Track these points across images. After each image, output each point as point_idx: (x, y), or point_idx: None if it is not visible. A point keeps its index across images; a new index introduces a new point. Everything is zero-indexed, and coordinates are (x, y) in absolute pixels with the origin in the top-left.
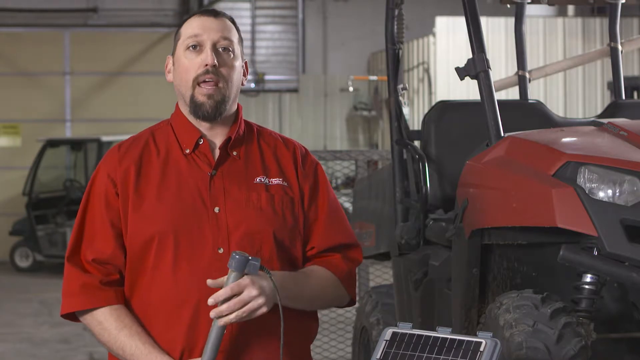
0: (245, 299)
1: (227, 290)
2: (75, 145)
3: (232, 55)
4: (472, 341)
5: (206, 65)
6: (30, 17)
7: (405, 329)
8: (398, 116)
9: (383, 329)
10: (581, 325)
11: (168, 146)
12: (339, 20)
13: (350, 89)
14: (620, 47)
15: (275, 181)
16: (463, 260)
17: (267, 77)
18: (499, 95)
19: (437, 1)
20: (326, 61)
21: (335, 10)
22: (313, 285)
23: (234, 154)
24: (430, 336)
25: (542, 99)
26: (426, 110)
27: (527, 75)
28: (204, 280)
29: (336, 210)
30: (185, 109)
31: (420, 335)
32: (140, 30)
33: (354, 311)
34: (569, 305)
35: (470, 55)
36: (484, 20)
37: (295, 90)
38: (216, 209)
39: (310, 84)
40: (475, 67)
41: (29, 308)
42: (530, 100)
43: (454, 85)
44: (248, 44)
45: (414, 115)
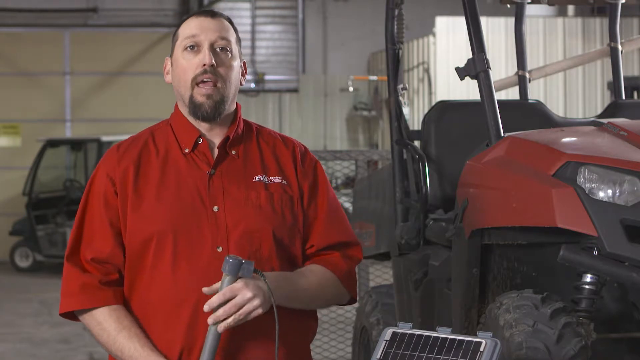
0: (240, 302)
1: (221, 296)
2: (75, 145)
3: (230, 55)
4: (472, 341)
5: (204, 65)
6: (30, 17)
7: (405, 329)
8: (398, 116)
9: (383, 329)
10: (581, 325)
11: (167, 146)
12: (339, 20)
13: (350, 89)
14: (620, 47)
15: (274, 180)
16: (463, 260)
17: (267, 77)
18: (499, 95)
19: (437, 1)
20: (326, 61)
21: (335, 10)
22: (310, 285)
23: (233, 153)
24: (430, 336)
25: (542, 99)
26: (426, 110)
27: (527, 75)
28: (203, 279)
29: (336, 209)
30: (185, 110)
31: (420, 335)
32: (140, 30)
33: (354, 311)
34: (569, 305)
35: (470, 55)
36: (484, 20)
37: (295, 90)
38: (215, 208)
39: (310, 84)
40: (475, 67)
41: (29, 308)
42: (530, 100)
43: (454, 85)
44: (248, 44)
45: (414, 115)
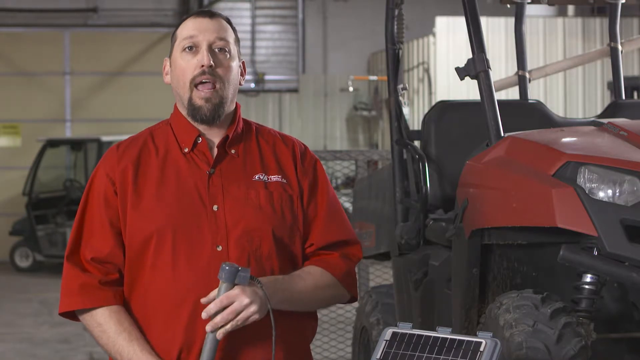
0: (238, 309)
1: (218, 303)
2: (75, 145)
3: (229, 55)
4: (472, 341)
5: (202, 66)
6: (30, 17)
7: (405, 329)
8: (398, 116)
9: (383, 329)
10: (581, 325)
11: (167, 145)
12: (339, 20)
13: (350, 89)
14: (620, 47)
15: (274, 178)
16: (463, 260)
17: (267, 77)
18: (499, 95)
19: (437, 1)
20: (326, 61)
21: (335, 10)
22: (307, 288)
23: (232, 152)
24: (430, 336)
25: (542, 99)
26: (426, 110)
27: (527, 75)
28: (203, 278)
29: (335, 207)
30: (184, 110)
31: (420, 335)
32: (140, 30)
33: (354, 311)
34: (569, 305)
35: (470, 55)
36: (484, 20)
37: (295, 90)
38: (215, 207)
39: (310, 84)
40: (475, 67)
41: (29, 308)
42: (530, 100)
43: (454, 85)
44: (248, 44)
45: (414, 115)
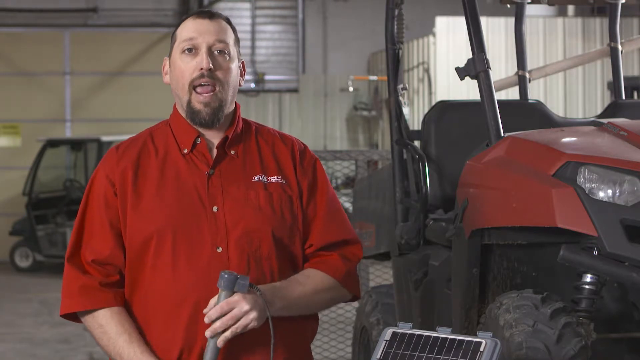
0: (238, 315)
1: (218, 309)
2: (75, 145)
3: (228, 57)
4: (472, 341)
5: (201, 69)
6: (30, 17)
7: (405, 329)
8: (398, 116)
9: (383, 329)
10: (581, 325)
11: (166, 146)
12: (339, 20)
13: (350, 89)
14: (620, 47)
15: (273, 179)
16: (463, 260)
17: (267, 77)
18: (499, 95)
19: (437, 1)
20: (326, 61)
21: (335, 10)
22: (306, 292)
23: (232, 152)
24: (430, 336)
25: (542, 99)
26: (426, 110)
27: (527, 75)
28: (203, 279)
29: (335, 207)
30: (183, 112)
31: (420, 335)
32: (140, 30)
33: (354, 311)
34: (569, 305)
35: (470, 55)
36: (484, 20)
37: (295, 90)
38: (214, 208)
39: (310, 84)
40: (475, 67)
41: (29, 308)
42: (530, 100)
43: (454, 85)
44: (248, 44)
45: (414, 115)
